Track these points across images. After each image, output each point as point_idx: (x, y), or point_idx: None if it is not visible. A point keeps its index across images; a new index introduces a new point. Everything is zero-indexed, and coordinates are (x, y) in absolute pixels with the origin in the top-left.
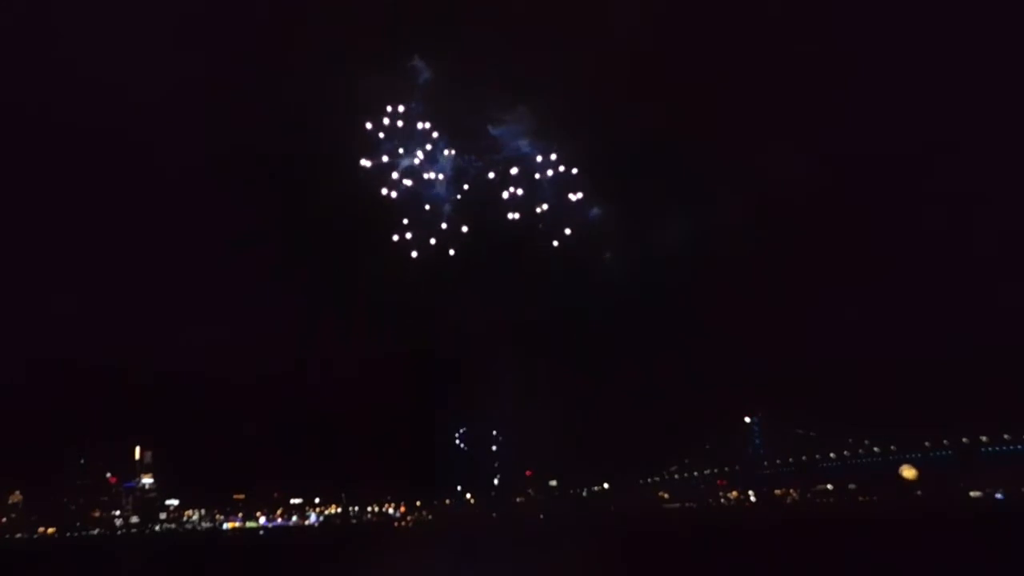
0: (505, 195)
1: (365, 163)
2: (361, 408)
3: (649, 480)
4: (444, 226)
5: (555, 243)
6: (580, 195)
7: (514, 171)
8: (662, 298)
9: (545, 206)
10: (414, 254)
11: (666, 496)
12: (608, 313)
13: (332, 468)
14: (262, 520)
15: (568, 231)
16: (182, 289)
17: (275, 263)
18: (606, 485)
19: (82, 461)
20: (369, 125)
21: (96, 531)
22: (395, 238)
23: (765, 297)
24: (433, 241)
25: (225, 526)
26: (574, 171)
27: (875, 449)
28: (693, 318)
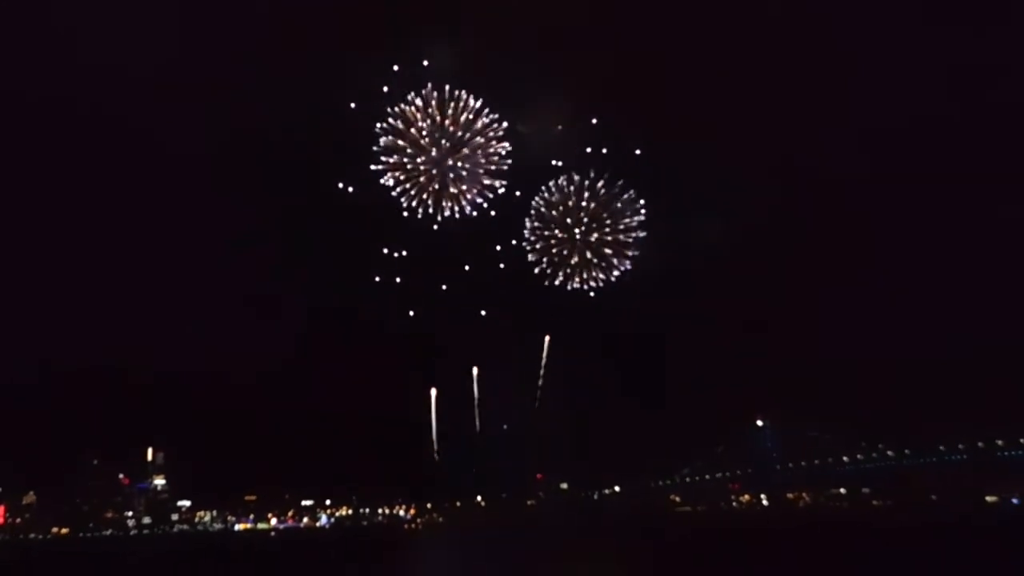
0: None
1: (382, 174)
2: (372, 411)
3: (661, 483)
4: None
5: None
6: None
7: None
8: (675, 300)
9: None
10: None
11: (678, 499)
12: (620, 316)
13: (343, 470)
14: (273, 522)
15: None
16: (194, 290)
17: (276, 263)
18: (617, 488)
19: (95, 462)
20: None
21: (109, 532)
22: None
23: (777, 299)
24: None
25: (237, 527)
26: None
27: (889, 453)
28: (705, 320)
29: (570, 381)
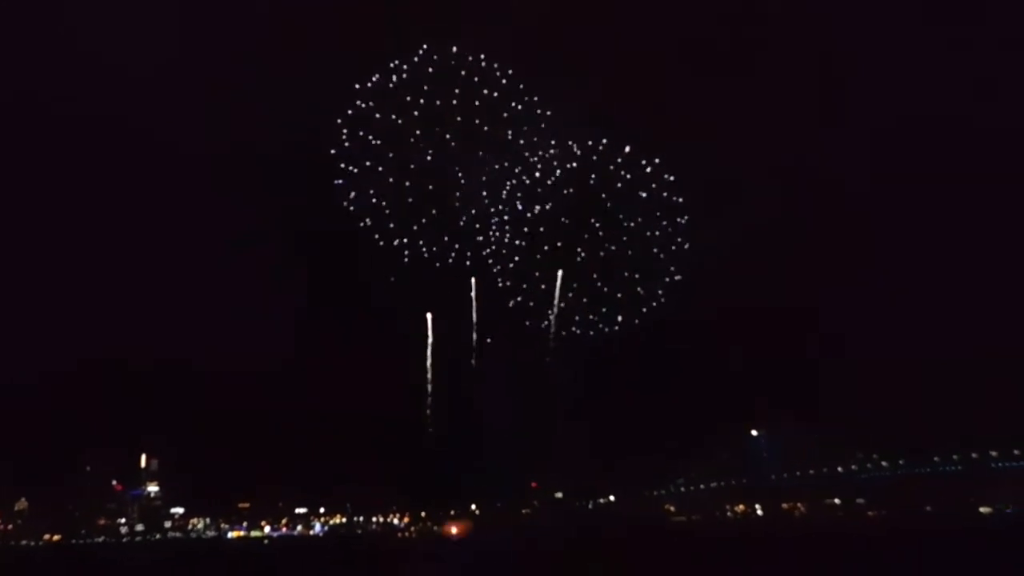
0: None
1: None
2: (365, 418)
3: (655, 493)
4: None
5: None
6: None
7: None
8: (668, 308)
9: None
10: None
11: (672, 509)
12: (613, 322)
13: (338, 479)
14: (267, 529)
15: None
16: (192, 292)
17: (277, 263)
18: (612, 497)
19: (88, 468)
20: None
21: (101, 539)
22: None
23: (771, 307)
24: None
25: (230, 535)
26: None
27: (883, 463)
28: (699, 328)
29: (563, 389)
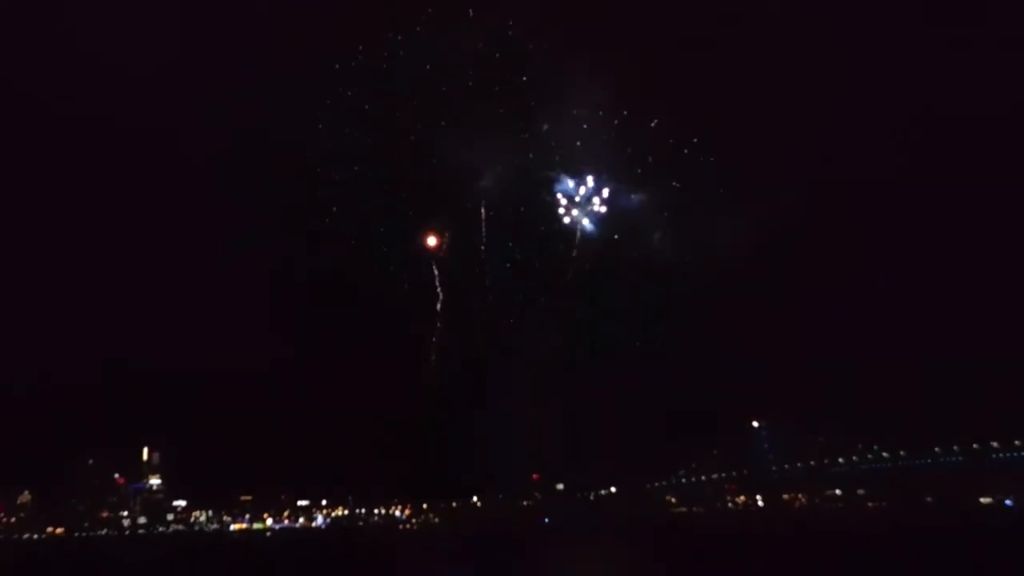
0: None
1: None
2: (367, 410)
3: (656, 484)
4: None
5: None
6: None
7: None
8: (669, 301)
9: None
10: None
11: (673, 500)
12: (616, 316)
13: (340, 470)
14: (269, 522)
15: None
16: (192, 290)
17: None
18: (613, 489)
19: (91, 462)
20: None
21: (104, 531)
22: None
23: (772, 299)
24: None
25: (232, 527)
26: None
27: (884, 454)
28: (699, 321)
29: (565, 380)
